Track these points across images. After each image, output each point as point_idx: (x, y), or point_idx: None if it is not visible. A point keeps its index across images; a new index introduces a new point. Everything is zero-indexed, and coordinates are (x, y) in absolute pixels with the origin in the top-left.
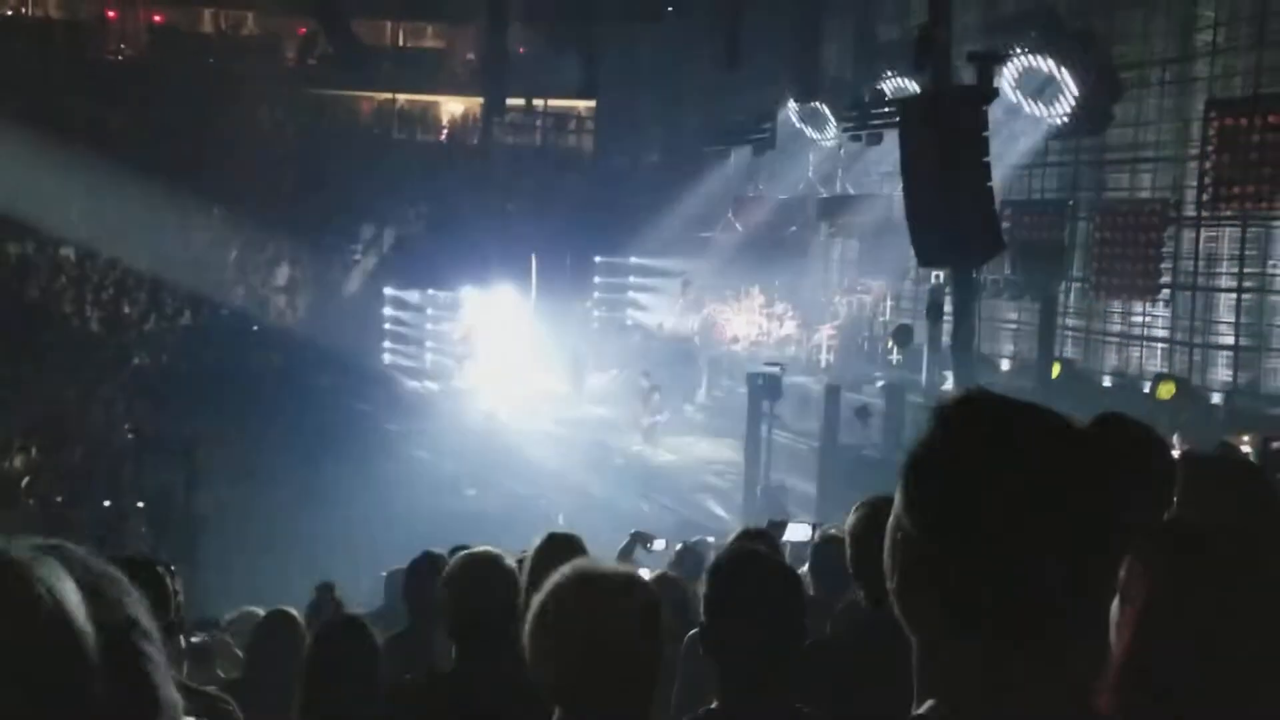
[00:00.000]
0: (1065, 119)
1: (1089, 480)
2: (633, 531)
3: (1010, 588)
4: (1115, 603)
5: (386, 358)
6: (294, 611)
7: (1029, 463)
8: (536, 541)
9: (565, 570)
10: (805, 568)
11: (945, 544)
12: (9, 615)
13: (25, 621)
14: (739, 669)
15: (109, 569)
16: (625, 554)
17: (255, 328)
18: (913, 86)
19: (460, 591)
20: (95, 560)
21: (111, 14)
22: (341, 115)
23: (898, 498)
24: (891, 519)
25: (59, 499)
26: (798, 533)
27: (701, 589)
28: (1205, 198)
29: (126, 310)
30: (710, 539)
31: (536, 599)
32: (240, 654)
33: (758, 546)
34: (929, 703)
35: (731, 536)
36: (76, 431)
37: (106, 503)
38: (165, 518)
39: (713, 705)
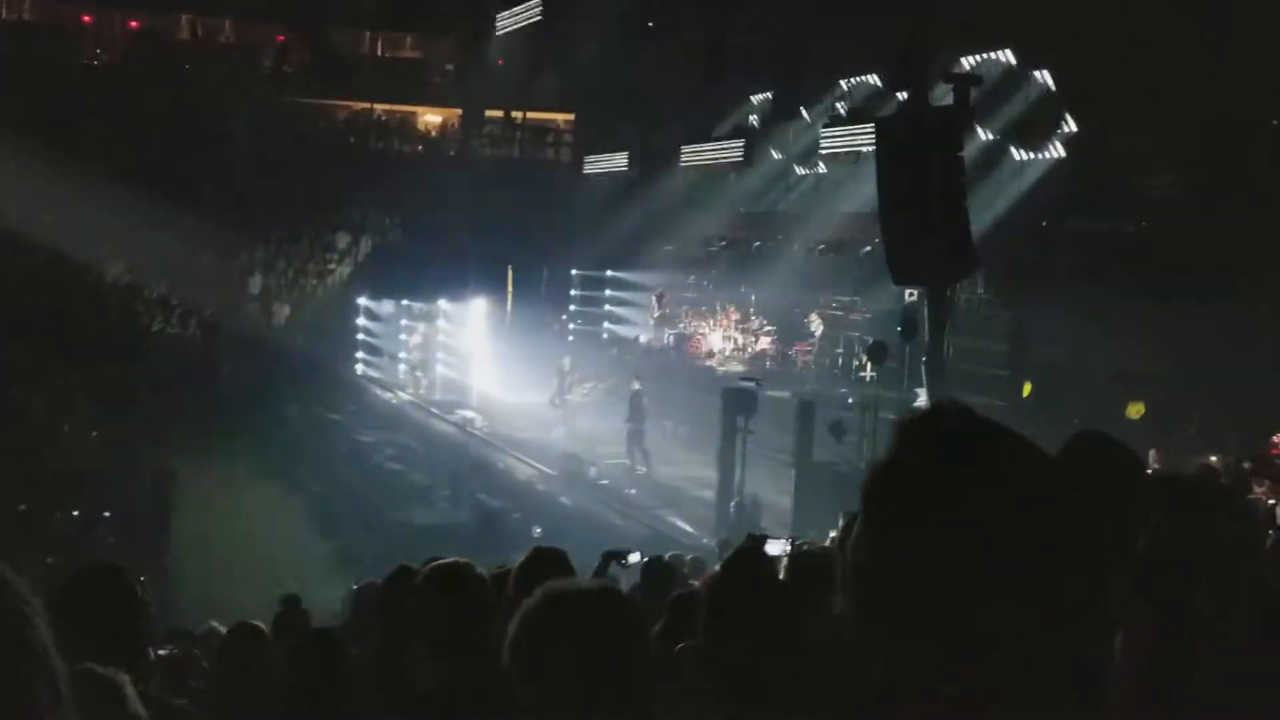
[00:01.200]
0: (1063, 144)
1: (1063, 503)
2: (603, 552)
3: (977, 616)
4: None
5: (359, 368)
6: (260, 624)
7: (1001, 483)
8: (521, 557)
9: (535, 595)
10: None
11: (908, 567)
12: None
13: None
14: (739, 684)
15: None
16: (599, 576)
17: (228, 336)
18: (892, 105)
19: (431, 603)
20: None
21: (88, 19)
22: (318, 124)
23: (859, 518)
24: (852, 540)
25: (22, 507)
26: (773, 548)
27: (701, 608)
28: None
29: (97, 318)
30: (682, 554)
31: (510, 626)
32: (207, 667)
33: (753, 563)
34: None
35: (729, 552)
36: (43, 440)
37: (75, 512)
38: (133, 527)
39: None
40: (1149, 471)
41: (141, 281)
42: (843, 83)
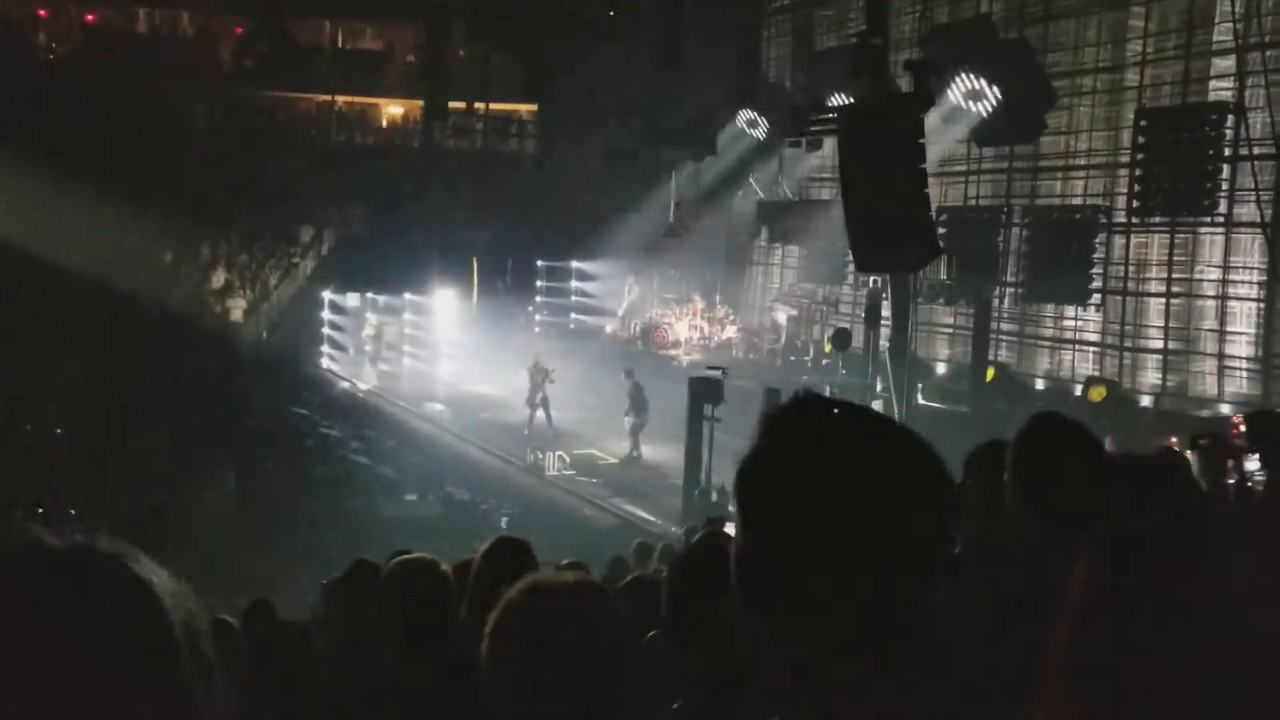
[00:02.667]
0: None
1: (922, 485)
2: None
3: (846, 600)
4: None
5: (325, 361)
6: (229, 619)
7: (861, 468)
8: (483, 546)
9: (515, 589)
10: None
11: (779, 555)
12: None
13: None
14: (705, 665)
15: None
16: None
17: (191, 331)
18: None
19: (395, 598)
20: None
21: (43, 12)
22: (279, 117)
23: (735, 507)
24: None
25: None
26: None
27: (664, 586)
28: (1135, 205)
29: (59, 313)
30: (651, 542)
31: (489, 620)
32: None
33: (718, 547)
34: None
35: (698, 535)
36: (4, 436)
37: (39, 509)
38: (98, 524)
39: (675, 705)
40: (1108, 452)
41: (102, 277)
42: (802, 74)
